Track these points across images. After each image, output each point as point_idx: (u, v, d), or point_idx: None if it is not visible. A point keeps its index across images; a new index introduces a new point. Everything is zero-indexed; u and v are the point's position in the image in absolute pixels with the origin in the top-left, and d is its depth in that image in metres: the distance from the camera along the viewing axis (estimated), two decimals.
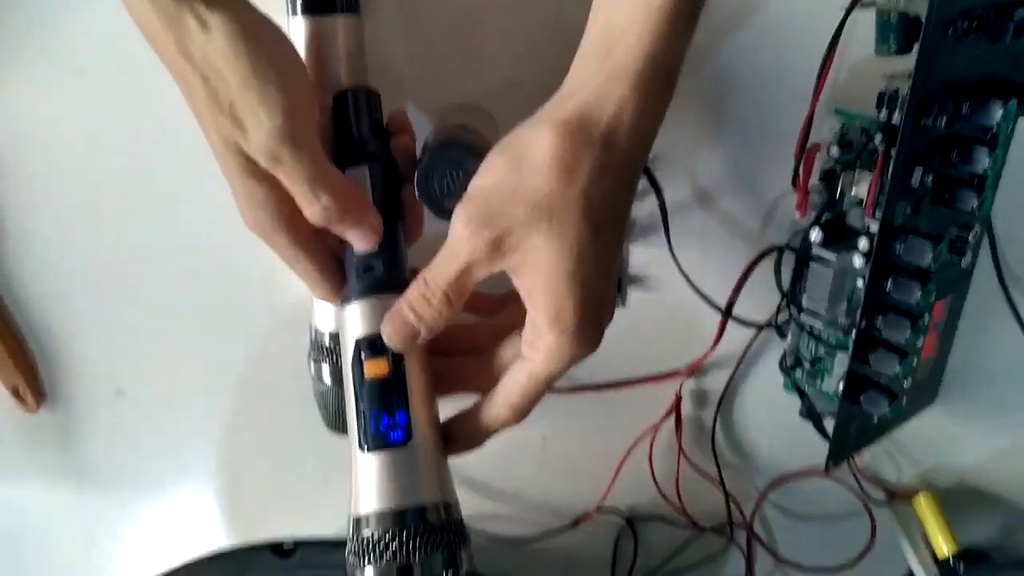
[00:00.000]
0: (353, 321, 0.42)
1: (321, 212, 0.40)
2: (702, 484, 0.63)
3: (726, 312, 0.54)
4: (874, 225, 0.47)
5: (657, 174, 0.51)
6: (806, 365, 0.56)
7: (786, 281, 0.53)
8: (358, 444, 0.41)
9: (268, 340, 0.60)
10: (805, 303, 0.52)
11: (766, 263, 0.54)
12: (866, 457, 0.63)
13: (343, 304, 0.43)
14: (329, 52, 0.46)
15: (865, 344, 0.49)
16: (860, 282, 0.50)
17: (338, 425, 0.53)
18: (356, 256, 0.43)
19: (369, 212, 0.42)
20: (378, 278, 0.43)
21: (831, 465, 0.53)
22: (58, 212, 0.56)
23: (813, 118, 0.47)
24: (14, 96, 0.53)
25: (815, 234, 0.50)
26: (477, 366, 0.43)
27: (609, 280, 0.38)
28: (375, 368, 0.41)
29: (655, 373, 0.60)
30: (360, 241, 0.42)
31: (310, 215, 0.40)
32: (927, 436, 0.62)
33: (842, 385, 0.51)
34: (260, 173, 0.40)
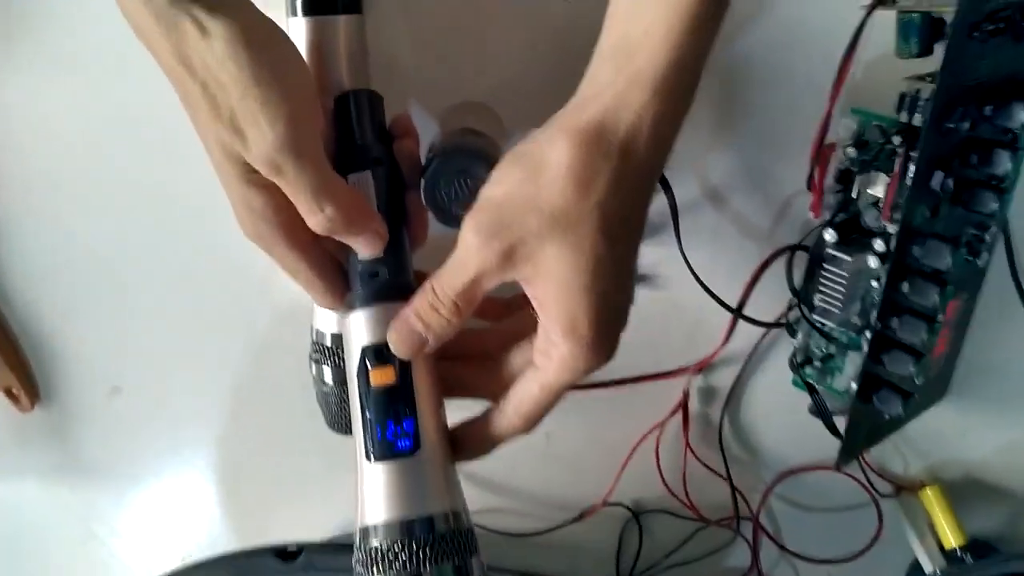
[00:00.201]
0: (358, 329, 0.41)
1: (325, 222, 0.38)
2: (708, 478, 0.63)
3: (737, 311, 0.53)
4: (891, 227, 0.47)
5: (667, 172, 0.49)
6: (816, 363, 0.55)
7: (798, 280, 0.52)
8: (364, 454, 0.40)
9: (267, 338, 0.59)
10: (817, 302, 0.51)
11: (776, 262, 0.53)
12: (873, 450, 0.63)
13: (347, 311, 0.42)
14: (330, 53, 0.44)
15: (880, 345, 0.48)
16: (874, 282, 0.49)
17: (340, 425, 0.52)
18: (360, 262, 0.42)
19: (374, 219, 0.41)
20: (383, 284, 0.42)
21: (842, 464, 0.53)
22: (51, 209, 0.55)
23: (830, 121, 0.46)
24: (7, 93, 0.51)
25: (829, 234, 0.49)
26: (485, 372, 0.42)
27: (624, 291, 0.37)
28: (382, 377, 0.40)
29: (663, 370, 0.59)
30: (365, 248, 0.41)
31: (313, 225, 0.39)
32: (935, 429, 0.62)
33: (855, 385, 0.50)
34: (260, 181, 0.38)
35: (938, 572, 0.62)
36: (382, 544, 0.39)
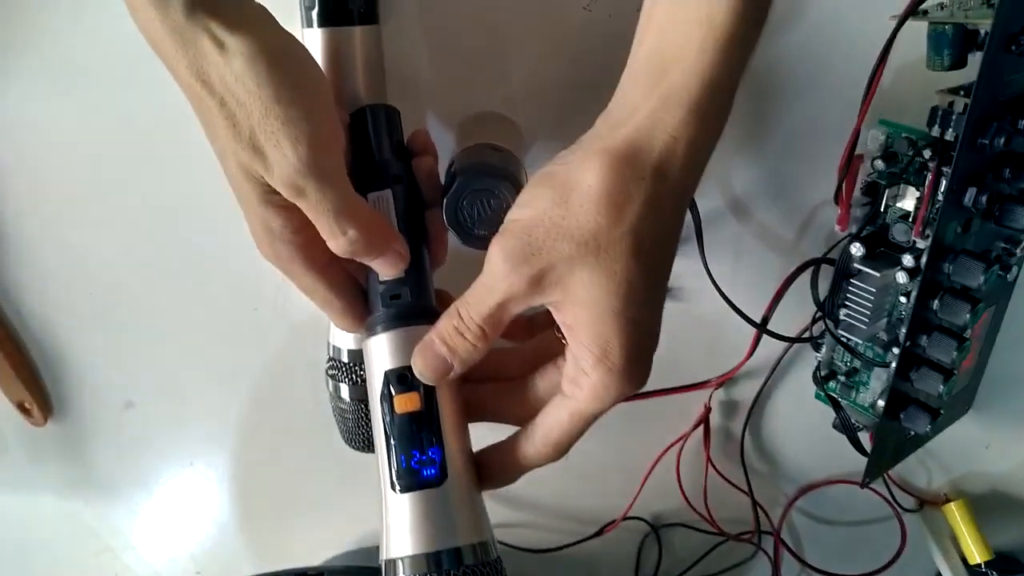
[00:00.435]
0: (380, 353, 0.40)
1: (347, 245, 0.38)
2: (729, 492, 0.62)
3: (762, 326, 0.52)
4: (920, 242, 0.46)
5: None
6: (840, 377, 0.54)
7: (822, 294, 0.51)
8: (390, 484, 0.39)
9: (282, 352, 0.58)
10: (843, 317, 0.50)
11: (801, 275, 0.52)
12: (897, 465, 0.62)
13: (369, 335, 0.41)
14: (346, 66, 0.43)
15: (908, 362, 0.47)
16: (902, 298, 0.49)
17: (357, 441, 0.52)
18: (381, 283, 0.41)
19: (396, 240, 0.40)
20: (406, 307, 0.41)
21: (868, 481, 0.52)
22: (63, 223, 0.54)
23: (859, 133, 0.45)
24: (19, 107, 0.50)
25: (856, 248, 0.48)
26: (510, 395, 0.41)
27: (656, 315, 0.36)
28: (407, 403, 0.39)
29: (684, 384, 0.58)
30: (387, 269, 0.40)
31: (335, 247, 0.38)
32: (959, 442, 0.61)
33: (883, 402, 0.49)
34: (279, 202, 0.37)
35: None
36: None
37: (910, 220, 0.47)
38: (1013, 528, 0.64)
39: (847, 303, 0.49)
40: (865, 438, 0.54)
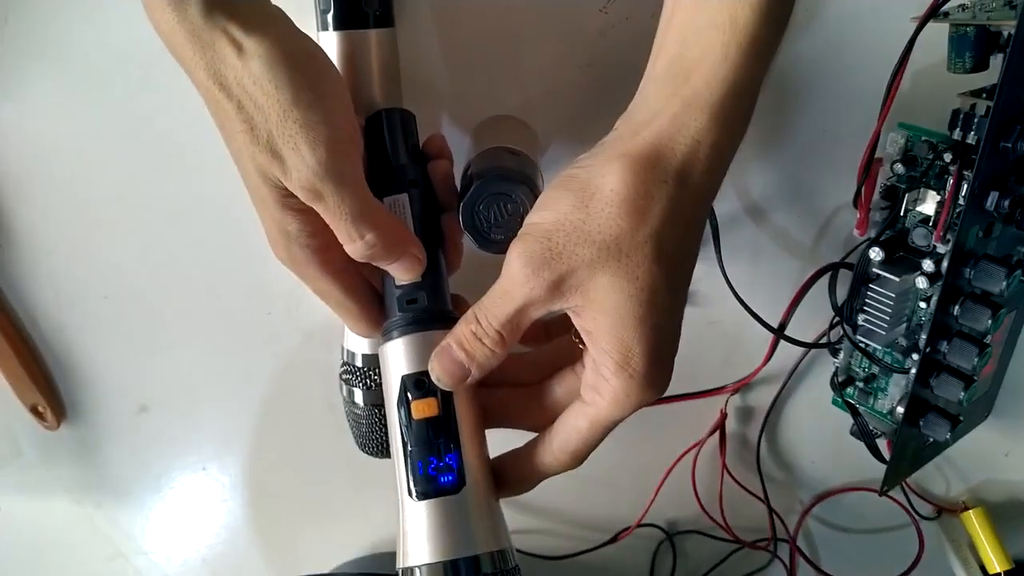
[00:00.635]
0: (397, 358, 0.40)
1: (365, 249, 0.37)
2: (745, 499, 0.62)
3: (779, 332, 0.52)
4: (941, 246, 0.45)
5: None
6: (859, 384, 0.54)
7: (840, 299, 0.51)
8: (407, 491, 0.38)
9: (295, 357, 0.58)
10: (861, 322, 0.49)
11: (819, 280, 0.52)
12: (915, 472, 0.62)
13: (385, 339, 0.41)
14: (362, 70, 0.43)
15: (928, 369, 0.47)
16: (922, 303, 0.48)
17: (370, 446, 0.51)
18: (398, 288, 0.41)
19: (414, 244, 0.40)
20: (423, 311, 0.40)
21: (887, 488, 0.51)
22: (76, 227, 0.54)
23: (879, 136, 0.44)
24: (32, 112, 0.50)
25: (875, 253, 0.47)
26: (526, 400, 0.41)
27: (677, 320, 0.36)
28: (424, 409, 0.38)
29: (700, 390, 0.58)
30: (404, 274, 0.40)
31: (352, 251, 0.38)
32: (977, 450, 0.61)
33: (901, 408, 0.49)
34: (296, 206, 0.37)
35: None
36: None
37: (930, 224, 0.46)
38: None
39: (866, 308, 0.49)
40: (883, 445, 0.53)
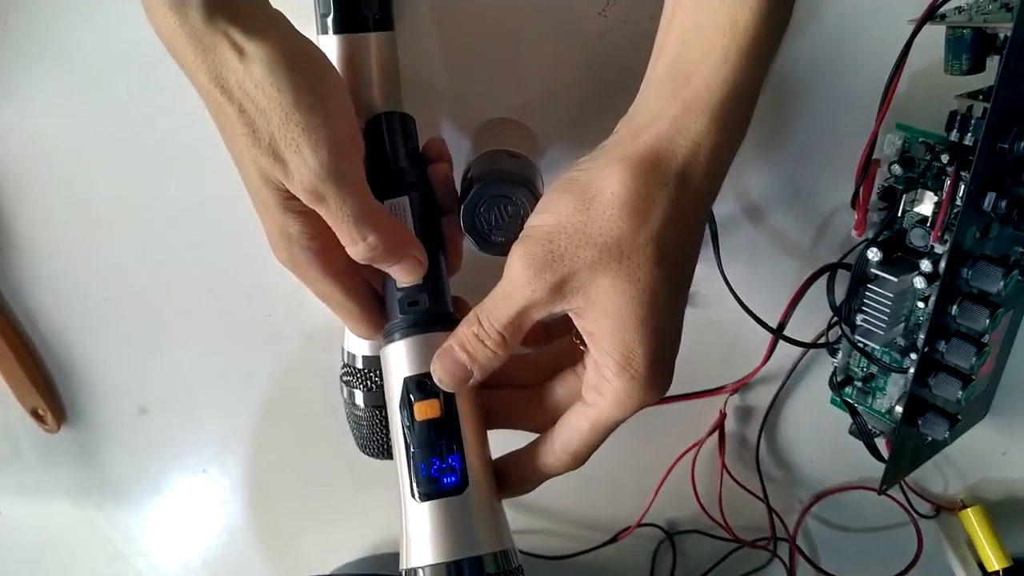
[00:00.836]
0: (399, 360, 0.40)
1: (367, 251, 0.37)
2: (744, 499, 0.62)
3: (778, 332, 0.52)
4: (939, 247, 0.45)
5: None
6: (857, 383, 0.54)
7: (839, 299, 0.51)
8: (410, 493, 0.38)
9: (296, 358, 0.58)
10: (859, 322, 0.50)
11: (817, 280, 0.52)
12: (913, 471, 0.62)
13: (387, 341, 0.41)
14: (362, 73, 0.43)
15: (926, 368, 0.47)
16: (920, 303, 0.48)
17: (371, 448, 0.52)
18: (399, 290, 0.41)
19: (415, 247, 0.40)
20: (424, 313, 0.41)
21: (885, 488, 0.51)
22: (77, 228, 0.54)
23: (877, 138, 0.45)
24: (32, 113, 0.50)
25: (873, 253, 0.47)
26: (527, 401, 0.41)
27: (678, 322, 0.36)
28: (427, 410, 0.39)
29: (698, 390, 0.58)
30: (405, 276, 0.40)
31: (354, 254, 0.38)
32: (976, 448, 0.61)
33: (900, 408, 0.49)
34: (298, 208, 0.37)
35: None
36: None
37: (928, 225, 0.46)
38: None
39: (864, 308, 0.49)
40: (881, 444, 0.53)
